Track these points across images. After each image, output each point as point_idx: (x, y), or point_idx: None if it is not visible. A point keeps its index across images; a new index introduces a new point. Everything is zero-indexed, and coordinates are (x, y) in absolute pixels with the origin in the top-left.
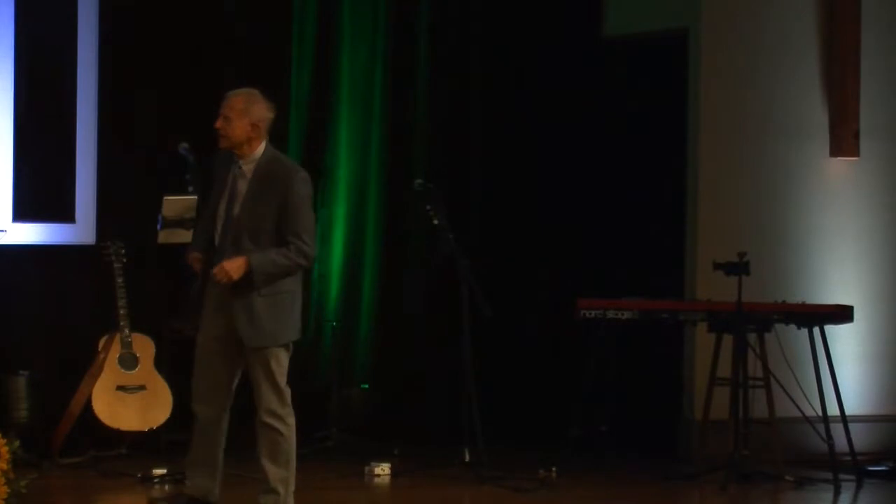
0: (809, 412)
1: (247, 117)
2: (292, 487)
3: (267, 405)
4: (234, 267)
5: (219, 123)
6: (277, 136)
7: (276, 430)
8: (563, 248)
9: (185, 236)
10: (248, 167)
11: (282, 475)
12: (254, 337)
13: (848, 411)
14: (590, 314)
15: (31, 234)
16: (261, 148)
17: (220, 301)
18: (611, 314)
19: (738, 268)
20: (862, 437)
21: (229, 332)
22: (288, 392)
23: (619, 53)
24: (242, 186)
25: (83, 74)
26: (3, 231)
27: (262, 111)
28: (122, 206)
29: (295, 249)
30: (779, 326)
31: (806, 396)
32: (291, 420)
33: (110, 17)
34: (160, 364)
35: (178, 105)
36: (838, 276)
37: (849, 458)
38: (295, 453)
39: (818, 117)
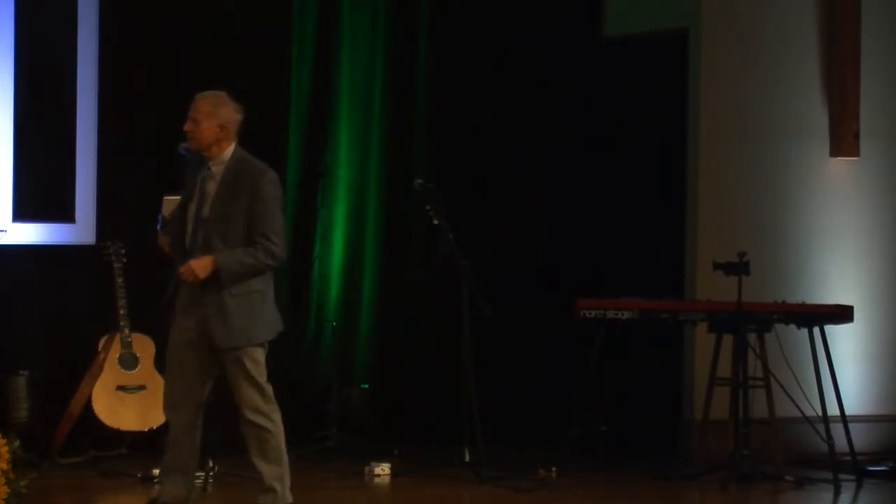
0: (809, 412)
1: (215, 119)
2: (288, 482)
3: (251, 403)
4: (200, 266)
5: (187, 126)
6: (277, 135)
7: (263, 428)
8: (563, 248)
9: None
10: (217, 169)
11: (276, 472)
12: (226, 337)
13: (848, 411)
14: (590, 314)
15: (31, 234)
16: (230, 149)
17: (191, 303)
18: (611, 314)
19: (738, 268)
20: (862, 437)
21: (201, 334)
22: (269, 389)
23: (619, 53)
24: (212, 188)
25: (83, 74)
26: (3, 231)
27: (229, 113)
28: (122, 206)
29: (262, 249)
30: (779, 326)
31: (806, 396)
32: (277, 416)
33: (110, 17)
34: (160, 364)
35: (177, 105)
36: (838, 276)
37: (849, 458)
38: (285, 448)
39: (818, 117)
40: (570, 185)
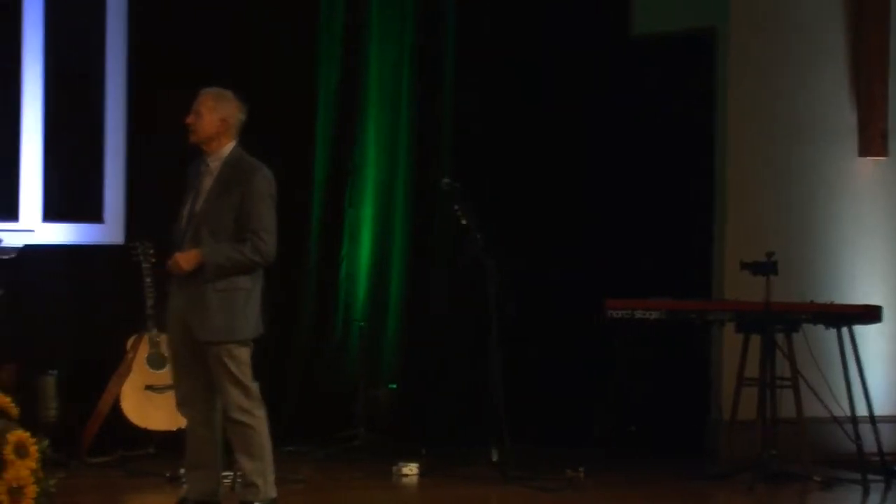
0: (837, 412)
1: (217, 113)
2: (272, 477)
3: (234, 402)
4: (185, 258)
5: (190, 118)
6: (305, 134)
7: (245, 425)
8: (590, 247)
9: None
10: (214, 164)
11: (258, 468)
12: (203, 331)
13: (876, 411)
14: (617, 314)
15: (59, 234)
16: (229, 147)
17: (179, 296)
18: (638, 314)
19: (765, 267)
20: (890, 438)
21: (187, 327)
22: (255, 386)
23: (645, 52)
24: (208, 183)
25: (111, 74)
26: (32, 231)
27: (232, 109)
28: (151, 206)
29: (250, 246)
30: (807, 326)
31: (834, 396)
32: (260, 412)
33: (139, 16)
34: None
35: None
36: (866, 276)
37: (877, 458)
38: (269, 444)
39: (846, 117)
40: (596, 184)
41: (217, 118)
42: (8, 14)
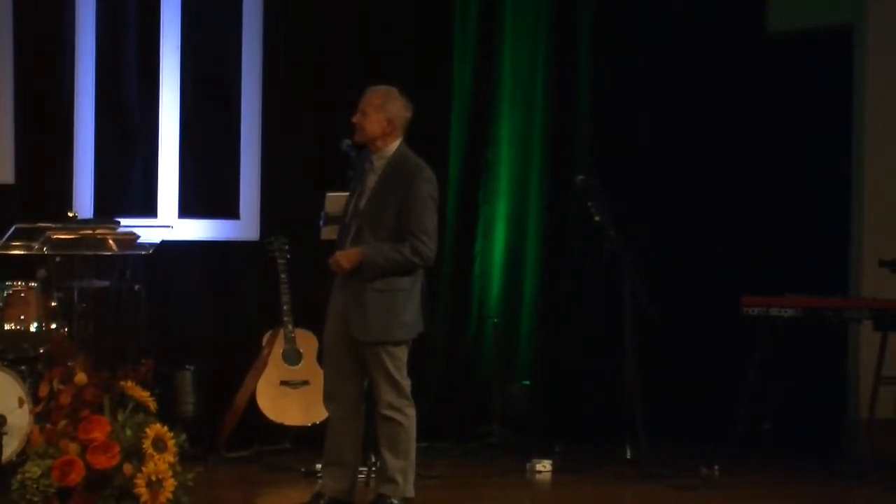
0: None
1: (383, 113)
2: (412, 476)
3: (385, 399)
4: (346, 257)
5: (356, 117)
6: (439, 132)
7: (395, 422)
8: (725, 244)
9: None
10: (379, 163)
11: (401, 465)
12: (363, 331)
13: None
14: (753, 311)
15: (196, 230)
16: (395, 145)
17: (339, 294)
18: (774, 311)
19: None
20: None
21: (345, 325)
22: (407, 384)
23: (783, 49)
24: (371, 181)
25: (247, 73)
26: (169, 227)
27: (398, 109)
28: (286, 203)
29: (410, 247)
30: None
31: None
32: (410, 411)
33: (274, 15)
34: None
35: (340, 102)
36: None
37: None
38: (414, 444)
39: None
40: (732, 180)
41: (383, 118)
42: (146, 15)
